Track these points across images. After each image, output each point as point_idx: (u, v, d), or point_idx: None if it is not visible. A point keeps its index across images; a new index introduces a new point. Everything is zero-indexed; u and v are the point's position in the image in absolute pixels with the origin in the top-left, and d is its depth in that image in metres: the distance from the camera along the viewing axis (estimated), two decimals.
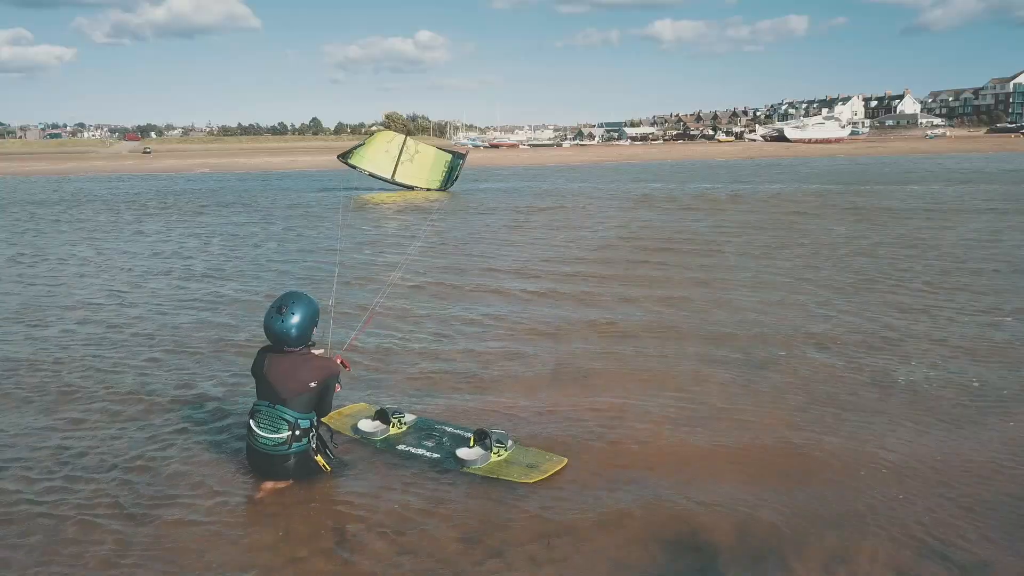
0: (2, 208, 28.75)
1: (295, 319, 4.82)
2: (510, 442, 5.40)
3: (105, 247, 17.31)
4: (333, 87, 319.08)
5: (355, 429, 5.74)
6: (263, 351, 5.05)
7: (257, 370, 4.99)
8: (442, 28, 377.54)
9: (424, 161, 34.42)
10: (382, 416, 5.77)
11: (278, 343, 4.90)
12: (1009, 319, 9.32)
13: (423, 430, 5.79)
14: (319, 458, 5.00)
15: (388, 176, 33.48)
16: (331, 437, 5.30)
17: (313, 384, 4.84)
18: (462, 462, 5.18)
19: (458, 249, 15.99)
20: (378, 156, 33.60)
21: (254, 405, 4.95)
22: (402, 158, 33.72)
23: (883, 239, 16.26)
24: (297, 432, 4.83)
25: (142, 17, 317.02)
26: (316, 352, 5.08)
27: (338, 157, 34.63)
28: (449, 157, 35.08)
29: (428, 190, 33.57)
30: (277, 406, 4.82)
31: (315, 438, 5.01)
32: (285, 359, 4.89)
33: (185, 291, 11.96)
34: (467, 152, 35.21)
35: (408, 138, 35.86)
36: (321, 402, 4.98)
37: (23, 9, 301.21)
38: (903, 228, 18.07)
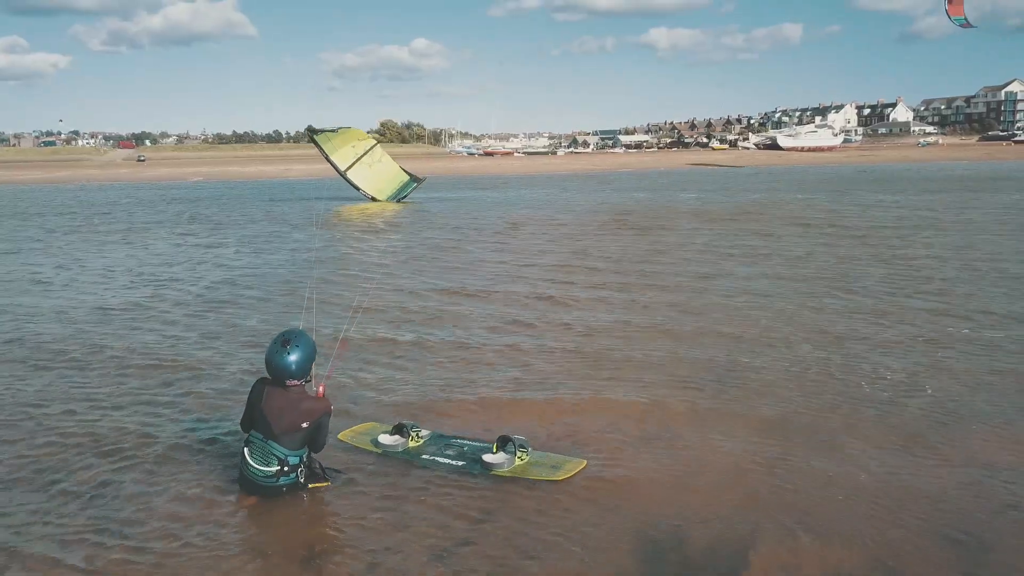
0: None
1: (297, 355, 5.02)
2: (530, 448, 5.67)
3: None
4: (329, 95, 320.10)
5: (376, 443, 5.94)
6: (262, 382, 5.22)
7: (255, 400, 5.14)
8: (439, 36, 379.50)
9: (382, 172, 35.47)
10: (400, 430, 5.99)
11: (279, 376, 5.07)
12: None
13: (440, 442, 6.02)
14: (311, 487, 5.21)
15: (342, 169, 34.13)
16: (323, 469, 5.35)
17: (305, 425, 5.03)
18: (489, 466, 5.46)
19: (419, 272, 15.36)
20: (344, 148, 34.34)
21: (249, 436, 5.14)
22: (363, 160, 34.65)
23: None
24: (286, 468, 5.04)
25: (139, 25, 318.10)
26: (311, 390, 5.25)
27: (307, 129, 35.63)
28: (407, 179, 36.12)
29: (372, 198, 34.06)
30: (269, 441, 5.01)
31: (303, 472, 5.17)
32: (281, 396, 5.05)
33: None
34: (424, 179, 36.22)
35: (379, 147, 36.50)
36: (315, 439, 5.16)
37: (20, 17, 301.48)
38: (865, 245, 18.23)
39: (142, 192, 45.96)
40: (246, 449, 5.12)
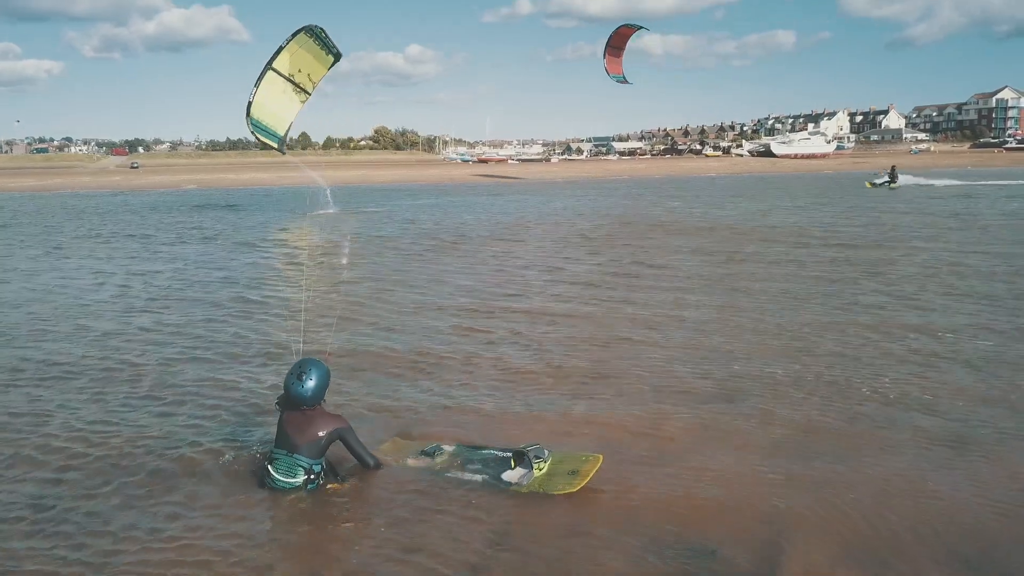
0: None
1: (312, 383, 5.54)
2: (547, 452, 5.77)
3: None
4: (322, 101, 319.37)
5: (406, 465, 6.10)
6: (282, 403, 5.74)
7: (278, 423, 5.70)
8: (432, 42, 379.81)
9: (282, 105, 34.45)
10: (426, 453, 6.19)
11: (296, 404, 5.60)
12: None
13: (465, 457, 6.16)
14: (329, 487, 5.65)
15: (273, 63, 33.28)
16: (334, 472, 5.79)
17: (321, 434, 5.55)
18: (509, 484, 5.62)
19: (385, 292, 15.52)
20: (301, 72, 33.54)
21: (272, 453, 5.64)
22: (290, 86, 33.86)
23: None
24: (311, 476, 5.56)
25: (133, 31, 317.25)
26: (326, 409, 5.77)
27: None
28: (279, 136, 35.14)
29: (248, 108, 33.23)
30: (294, 455, 5.52)
31: (323, 475, 5.68)
32: (300, 415, 5.60)
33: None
34: (284, 152, 35.49)
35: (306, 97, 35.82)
36: (352, 452, 5.75)
37: (13, 24, 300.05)
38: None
39: (116, 199, 45.79)
40: (270, 466, 5.58)
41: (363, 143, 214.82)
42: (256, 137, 9.26)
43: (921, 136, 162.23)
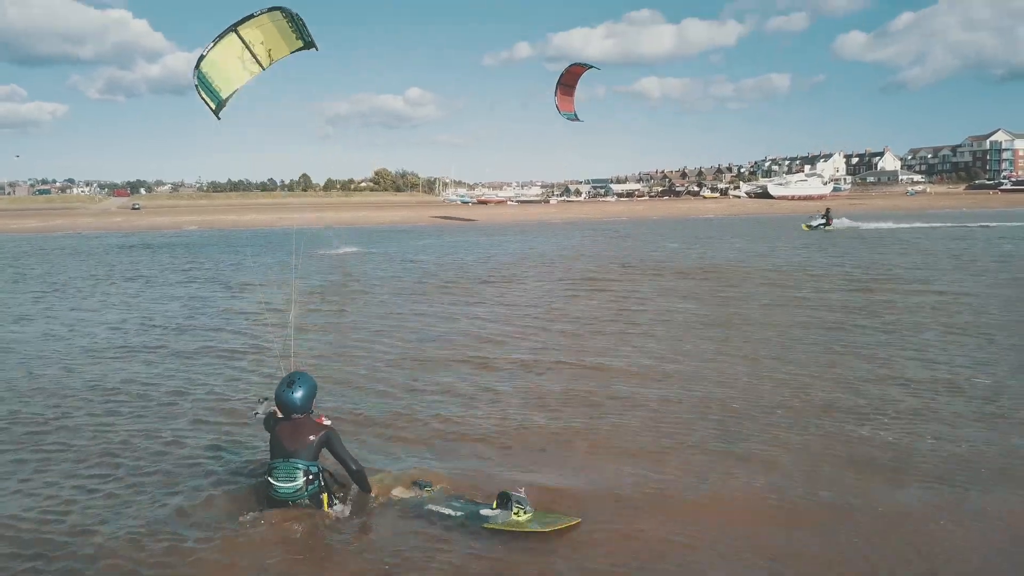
0: None
1: (301, 392, 5.94)
2: (529, 506, 5.85)
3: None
4: (323, 142, 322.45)
5: (391, 496, 6.33)
6: (273, 420, 6.11)
7: (271, 433, 6.03)
8: (432, 85, 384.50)
9: (230, 68, 33.39)
10: (415, 485, 6.42)
11: (287, 411, 5.96)
12: None
13: (448, 497, 6.32)
14: (324, 496, 5.96)
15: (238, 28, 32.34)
16: (333, 483, 6.15)
17: (312, 438, 5.90)
18: (484, 519, 5.77)
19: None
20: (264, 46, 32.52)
21: (269, 464, 5.92)
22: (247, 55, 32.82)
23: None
24: (310, 476, 5.84)
25: (137, 74, 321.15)
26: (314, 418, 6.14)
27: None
28: (218, 101, 34.39)
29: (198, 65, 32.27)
30: (290, 459, 5.82)
31: (323, 477, 5.98)
32: (291, 424, 5.96)
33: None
34: (219, 115, 34.72)
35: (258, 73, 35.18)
36: (336, 455, 5.98)
37: (19, 67, 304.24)
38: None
39: (113, 240, 46.00)
40: (269, 477, 5.87)
41: (363, 184, 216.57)
42: (198, 93, 9.16)
43: (917, 178, 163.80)
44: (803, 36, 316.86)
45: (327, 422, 6.20)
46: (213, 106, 10.28)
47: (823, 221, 44.07)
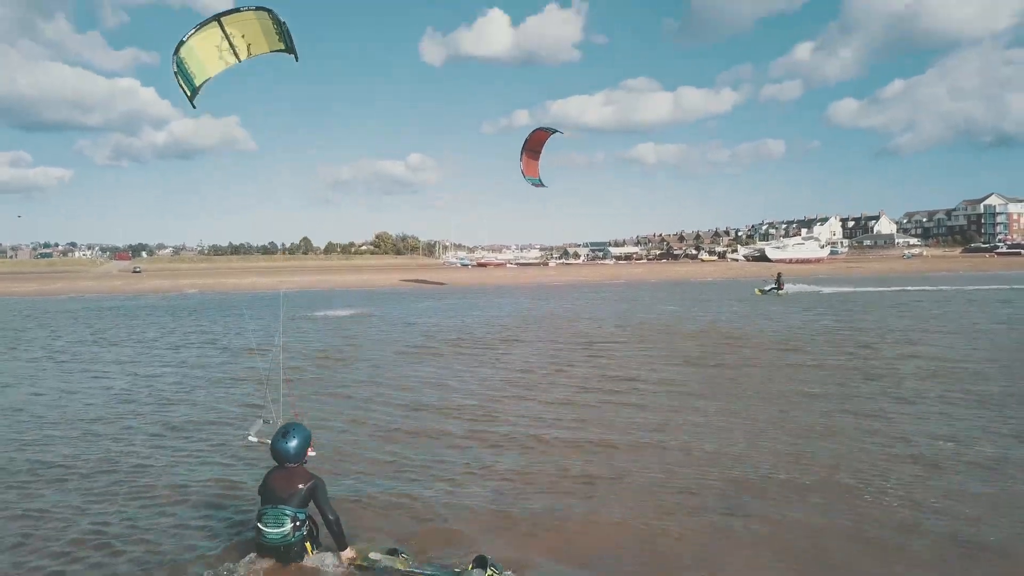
0: None
1: (295, 442, 6.32)
2: (508, 572, 5.83)
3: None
4: (324, 206, 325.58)
5: (367, 559, 6.35)
6: (268, 473, 6.38)
7: (263, 483, 6.33)
8: (433, 151, 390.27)
9: (206, 52, 32.85)
10: (391, 552, 6.45)
11: (280, 460, 6.30)
12: None
13: (424, 563, 6.34)
14: (308, 544, 6.27)
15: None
16: (317, 531, 6.43)
17: (301, 487, 6.19)
18: None
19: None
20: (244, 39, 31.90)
21: (260, 510, 6.23)
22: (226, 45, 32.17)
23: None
24: (297, 523, 6.15)
25: (143, 140, 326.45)
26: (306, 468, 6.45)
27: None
28: (193, 85, 34.02)
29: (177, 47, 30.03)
30: (279, 506, 6.13)
31: (307, 526, 6.28)
32: (283, 472, 6.28)
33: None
34: (194, 101, 34.77)
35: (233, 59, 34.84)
36: (321, 510, 6.18)
37: (26, 133, 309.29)
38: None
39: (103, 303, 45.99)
40: (259, 523, 6.17)
41: (364, 248, 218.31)
42: (176, 79, 9.15)
43: (913, 241, 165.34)
44: (797, 103, 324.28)
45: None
46: (188, 93, 10.24)
47: (775, 286, 45.17)
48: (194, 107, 9.86)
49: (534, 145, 42.41)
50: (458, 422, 11.72)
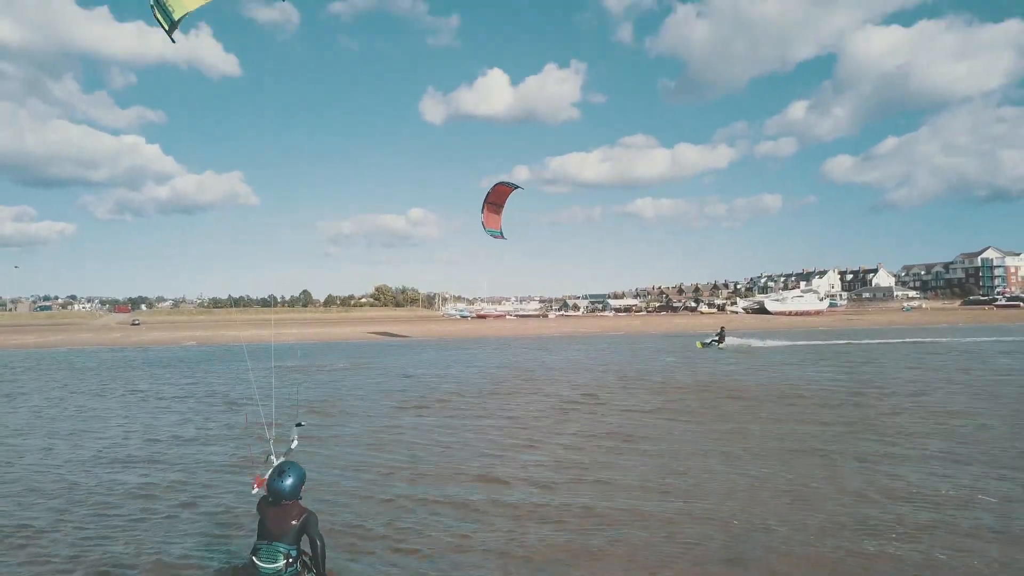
0: None
1: (290, 480, 6.44)
2: None
3: None
4: (325, 260, 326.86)
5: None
6: (264, 503, 6.52)
7: (261, 514, 6.47)
8: (433, 206, 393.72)
9: None
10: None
11: (277, 497, 6.41)
12: None
13: None
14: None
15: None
16: (310, 563, 6.50)
17: (295, 523, 6.37)
18: None
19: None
20: None
21: (255, 545, 6.40)
22: None
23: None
24: (290, 559, 6.30)
25: (146, 195, 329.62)
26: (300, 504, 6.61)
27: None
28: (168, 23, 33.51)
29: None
30: (274, 543, 6.30)
31: (299, 562, 6.40)
32: (279, 509, 6.41)
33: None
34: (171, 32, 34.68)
35: None
36: (312, 543, 6.33)
37: (31, 188, 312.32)
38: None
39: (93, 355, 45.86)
40: (254, 557, 6.32)
41: (364, 300, 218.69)
42: (153, 12, 9.07)
43: (912, 294, 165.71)
44: (792, 159, 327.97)
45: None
46: (166, 27, 10.07)
47: (716, 339, 45.44)
48: (173, 41, 9.69)
49: (496, 198, 43.39)
50: (456, 488, 11.55)
